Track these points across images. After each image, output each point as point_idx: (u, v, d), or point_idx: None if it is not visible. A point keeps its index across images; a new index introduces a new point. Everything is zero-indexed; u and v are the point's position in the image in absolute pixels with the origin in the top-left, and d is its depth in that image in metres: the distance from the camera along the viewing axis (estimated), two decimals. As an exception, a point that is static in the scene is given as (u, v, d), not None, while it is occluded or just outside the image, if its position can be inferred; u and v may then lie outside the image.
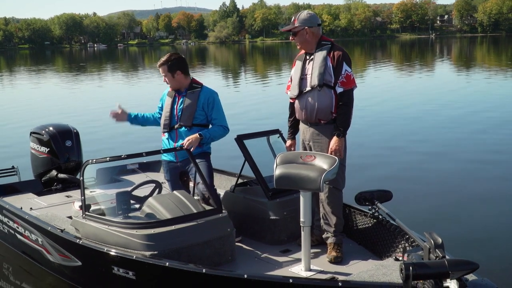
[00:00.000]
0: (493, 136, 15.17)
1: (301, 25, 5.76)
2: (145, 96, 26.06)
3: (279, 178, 5.19)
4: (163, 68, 6.34)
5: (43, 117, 18.77)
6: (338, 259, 5.66)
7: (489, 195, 9.75)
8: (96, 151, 11.30)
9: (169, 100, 6.45)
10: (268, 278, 4.79)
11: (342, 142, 5.62)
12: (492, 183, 10.52)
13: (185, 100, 6.38)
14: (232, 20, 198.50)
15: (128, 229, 5.39)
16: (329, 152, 5.57)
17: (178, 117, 6.38)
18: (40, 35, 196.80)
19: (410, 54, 73.26)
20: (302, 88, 5.80)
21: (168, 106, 6.42)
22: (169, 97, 6.47)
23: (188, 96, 6.39)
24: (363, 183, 9.15)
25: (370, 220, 6.07)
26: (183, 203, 5.73)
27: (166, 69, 6.32)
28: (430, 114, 19.09)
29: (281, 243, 6.17)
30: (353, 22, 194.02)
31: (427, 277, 3.83)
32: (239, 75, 44.03)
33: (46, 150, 8.25)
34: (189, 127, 6.34)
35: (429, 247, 4.08)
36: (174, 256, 5.23)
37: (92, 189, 7.19)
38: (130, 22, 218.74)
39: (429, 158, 12.67)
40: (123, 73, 50.36)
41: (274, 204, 6.15)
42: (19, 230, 6.90)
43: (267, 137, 6.96)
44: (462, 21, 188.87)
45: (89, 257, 5.78)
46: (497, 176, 11.09)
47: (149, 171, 8.72)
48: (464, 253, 6.13)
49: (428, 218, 8.55)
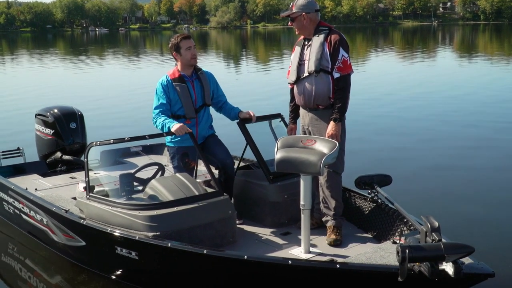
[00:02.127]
0: (490, 120, 15.36)
1: (299, 11, 5.80)
2: (147, 79, 26.09)
3: (279, 161, 5.26)
4: (192, 40, 6.44)
5: (47, 100, 18.85)
6: (338, 242, 5.74)
7: (486, 179, 9.85)
8: (101, 134, 11.35)
9: (183, 87, 6.37)
10: (268, 259, 4.89)
11: (339, 126, 5.69)
12: (490, 168, 10.62)
13: (201, 82, 6.48)
14: (234, 5, 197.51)
15: (131, 210, 5.48)
16: (327, 136, 5.64)
17: (198, 99, 6.45)
18: (42, 18, 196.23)
19: (412, 41, 73.02)
20: (300, 74, 5.87)
21: (186, 92, 6.36)
22: (181, 84, 6.37)
23: (201, 77, 6.50)
24: (364, 167, 9.26)
25: (369, 204, 6.15)
26: (186, 185, 5.80)
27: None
28: (430, 99, 19.25)
29: (282, 225, 6.25)
30: (355, 8, 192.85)
31: (423, 260, 3.93)
32: (240, 61, 44.04)
33: (51, 132, 8.30)
34: (209, 105, 6.57)
35: (426, 231, 4.18)
36: (176, 237, 5.30)
37: (96, 171, 7.25)
38: (132, 6, 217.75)
39: (429, 142, 12.78)
40: (125, 57, 50.31)
41: (275, 187, 6.22)
42: (24, 210, 6.98)
43: (269, 121, 6.99)
44: (465, 8, 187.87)
45: (93, 237, 5.87)
46: (495, 160, 11.19)
47: (152, 153, 8.78)
48: (461, 237, 6.21)
49: (426, 201, 8.63)
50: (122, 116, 16.84)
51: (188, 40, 6.37)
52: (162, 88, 6.35)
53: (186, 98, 6.35)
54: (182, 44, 6.33)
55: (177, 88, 6.33)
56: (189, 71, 6.47)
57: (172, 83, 6.36)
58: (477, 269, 4.30)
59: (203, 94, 6.48)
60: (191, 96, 6.39)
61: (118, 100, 20.53)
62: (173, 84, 6.35)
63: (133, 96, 21.28)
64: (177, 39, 6.37)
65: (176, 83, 6.36)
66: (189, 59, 6.36)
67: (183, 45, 6.32)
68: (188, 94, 6.37)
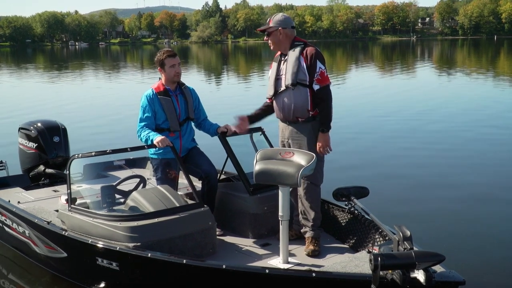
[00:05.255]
0: (466, 130, 15.97)
1: (276, 26, 5.93)
2: (128, 93, 26.14)
3: (258, 173, 5.36)
4: (177, 58, 6.58)
5: (30, 114, 18.89)
6: (316, 253, 5.84)
7: (460, 190, 10.09)
8: (84, 147, 11.38)
9: (168, 100, 6.49)
10: (246, 269, 4.96)
11: (328, 136, 5.85)
12: (463, 178, 10.94)
13: (185, 96, 6.65)
14: (214, 20, 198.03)
15: (112, 221, 5.54)
16: (318, 148, 5.80)
17: (181, 113, 6.58)
18: (21, 32, 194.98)
19: (391, 56, 73.62)
20: (277, 88, 5.99)
21: (170, 105, 6.48)
22: (165, 98, 6.49)
23: (184, 92, 6.66)
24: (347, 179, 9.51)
25: (346, 215, 6.27)
26: (166, 197, 5.88)
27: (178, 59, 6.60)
28: (406, 112, 19.77)
29: (262, 237, 6.35)
30: (335, 23, 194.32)
31: (394, 267, 4.03)
32: (221, 75, 44.08)
33: (34, 146, 8.33)
34: (192, 119, 6.72)
35: (398, 240, 4.28)
36: (156, 248, 5.38)
37: (79, 184, 7.27)
38: (112, 21, 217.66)
39: (406, 154, 13.07)
40: (105, 71, 50.21)
41: (255, 199, 6.32)
42: (6, 222, 7.02)
43: (250, 134, 7.08)
44: (444, 23, 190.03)
45: (75, 249, 5.92)
46: (467, 170, 11.57)
47: (135, 167, 8.84)
48: (433, 246, 6.36)
49: (401, 212, 8.85)
50: (104, 129, 16.86)
51: (173, 58, 6.50)
52: (148, 101, 6.45)
53: (170, 111, 6.48)
54: (166, 62, 6.48)
55: (162, 102, 6.46)
56: (173, 86, 6.61)
57: (157, 96, 6.47)
58: (448, 277, 4.38)
59: (186, 108, 6.62)
60: (175, 110, 6.52)
61: (100, 114, 20.52)
62: (158, 97, 6.46)
63: (115, 110, 21.36)
64: (162, 56, 6.50)
65: (161, 96, 6.48)
66: (172, 76, 6.50)
67: (168, 63, 6.48)
68: (173, 108, 6.50)
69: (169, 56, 6.49)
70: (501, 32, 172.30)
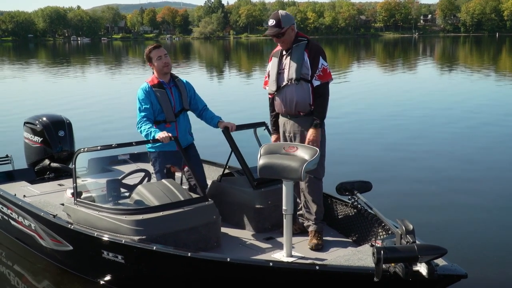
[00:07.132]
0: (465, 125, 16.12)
1: (287, 25, 5.94)
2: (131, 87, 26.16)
3: (262, 167, 5.40)
4: (162, 49, 6.69)
5: (34, 108, 18.93)
6: (319, 247, 5.90)
7: (463, 185, 10.17)
8: (89, 141, 11.42)
9: (162, 93, 6.60)
10: (250, 262, 5.03)
11: (319, 132, 5.88)
12: (465, 173, 10.99)
13: (179, 88, 6.77)
14: (216, 16, 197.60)
15: (118, 214, 5.60)
16: (307, 142, 5.83)
17: (176, 104, 6.70)
18: (23, 27, 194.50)
19: (393, 52, 73.52)
20: (280, 83, 6.04)
21: (165, 97, 6.60)
22: (160, 90, 6.60)
23: (178, 84, 6.77)
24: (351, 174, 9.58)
25: (349, 210, 6.33)
26: (171, 191, 5.94)
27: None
28: (409, 109, 19.74)
29: (265, 231, 6.41)
30: (337, 20, 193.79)
31: (397, 260, 4.08)
32: (223, 71, 44.12)
33: (40, 140, 8.39)
34: (187, 110, 6.83)
35: (401, 233, 4.33)
36: (161, 241, 5.44)
37: (84, 178, 7.30)
38: (115, 16, 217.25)
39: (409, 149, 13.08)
40: (108, 66, 50.25)
41: (259, 194, 6.38)
42: (12, 216, 7.07)
43: (253, 129, 7.18)
44: (445, 20, 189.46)
45: (80, 242, 5.97)
46: (470, 166, 11.61)
47: (139, 161, 8.92)
48: (435, 240, 6.40)
49: (405, 205, 8.94)
50: (110, 124, 16.94)
51: (158, 50, 6.65)
52: (144, 93, 6.55)
53: (165, 103, 6.60)
54: (152, 55, 6.63)
55: (157, 94, 6.58)
56: (166, 78, 6.73)
57: (152, 89, 6.59)
58: (451, 270, 4.45)
59: (181, 99, 6.74)
60: (170, 101, 6.64)
61: (104, 108, 20.63)
62: (153, 90, 6.59)
63: (119, 105, 21.48)
64: (147, 51, 6.68)
65: (156, 88, 6.60)
66: (162, 67, 6.62)
67: (154, 55, 6.62)
68: (168, 99, 6.63)
69: (154, 49, 6.66)
70: (503, 30, 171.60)
